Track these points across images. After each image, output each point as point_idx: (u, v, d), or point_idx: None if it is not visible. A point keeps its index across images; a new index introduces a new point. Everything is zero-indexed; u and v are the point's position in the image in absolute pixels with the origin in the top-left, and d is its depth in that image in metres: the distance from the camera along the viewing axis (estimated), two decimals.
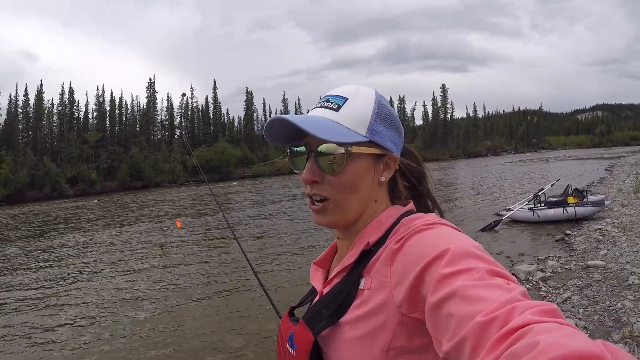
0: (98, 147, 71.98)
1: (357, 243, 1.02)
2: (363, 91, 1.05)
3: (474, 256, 0.76)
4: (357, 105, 1.02)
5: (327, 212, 1.03)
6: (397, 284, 0.85)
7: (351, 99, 1.02)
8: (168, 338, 7.64)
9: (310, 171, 1.00)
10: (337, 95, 1.04)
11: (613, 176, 30.27)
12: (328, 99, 1.04)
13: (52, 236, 20.53)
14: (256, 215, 22.75)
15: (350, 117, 1.00)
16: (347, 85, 1.08)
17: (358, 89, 1.06)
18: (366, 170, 1.01)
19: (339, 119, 0.99)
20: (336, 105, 1.02)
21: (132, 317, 8.78)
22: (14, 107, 70.48)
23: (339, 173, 0.98)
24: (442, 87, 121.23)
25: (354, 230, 1.05)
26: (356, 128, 0.99)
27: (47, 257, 15.25)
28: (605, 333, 6.04)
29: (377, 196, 1.06)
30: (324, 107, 1.03)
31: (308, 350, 0.96)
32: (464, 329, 0.64)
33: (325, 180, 1.00)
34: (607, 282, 8.05)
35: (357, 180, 1.00)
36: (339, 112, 1.00)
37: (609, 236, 11.39)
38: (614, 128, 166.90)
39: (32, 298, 10.48)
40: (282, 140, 1.06)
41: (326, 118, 1.00)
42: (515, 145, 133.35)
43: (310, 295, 1.18)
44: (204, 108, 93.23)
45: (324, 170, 0.99)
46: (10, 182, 56.33)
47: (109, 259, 14.23)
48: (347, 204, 1.01)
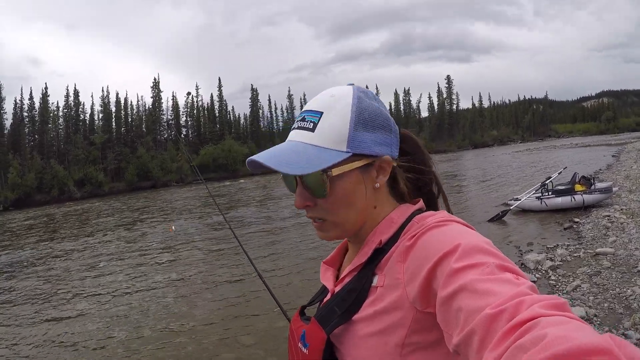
0: (105, 148, 72.29)
1: (369, 241, 1.01)
2: (339, 97, 1.01)
3: (484, 251, 0.76)
4: (333, 119, 0.97)
5: (327, 229, 1.02)
6: (410, 281, 0.85)
7: (326, 113, 0.98)
8: (176, 337, 7.71)
9: (301, 197, 1.00)
10: (312, 111, 1.00)
11: (620, 162, 30.18)
12: (304, 117, 1.01)
13: (61, 239, 20.71)
14: (262, 214, 22.80)
15: (327, 135, 0.96)
16: (324, 92, 1.04)
17: (333, 97, 1.01)
18: (356, 183, 0.99)
19: (315, 141, 0.97)
20: (311, 124, 0.98)
21: (142, 316, 8.86)
22: (20, 111, 70.87)
23: (327, 196, 0.97)
24: (447, 78, 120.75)
25: (361, 234, 1.04)
26: (335, 146, 0.96)
27: (57, 260, 15.39)
28: (616, 320, 6.05)
29: (376, 201, 1.04)
30: (300, 128, 1.00)
31: (321, 349, 0.96)
32: (472, 322, 0.65)
33: (317, 203, 0.99)
34: (616, 269, 8.04)
35: (349, 197, 0.99)
36: (315, 132, 0.97)
37: (617, 223, 11.36)
38: (620, 114, 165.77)
39: (40, 300, 10.59)
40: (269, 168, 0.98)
41: (302, 143, 0.97)
42: (521, 135, 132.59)
43: (321, 295, 1.18)
44: (209, 106, 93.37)
45: (313, 194, 0.98)
46: (18, 187, 56.67)
47: (118, 260, 14.35)
48: (344, 220, 1.00)
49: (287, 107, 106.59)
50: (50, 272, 13.59)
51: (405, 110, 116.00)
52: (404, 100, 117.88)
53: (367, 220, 1.03)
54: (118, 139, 77.67)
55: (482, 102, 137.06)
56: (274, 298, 2.31)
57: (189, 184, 67.73)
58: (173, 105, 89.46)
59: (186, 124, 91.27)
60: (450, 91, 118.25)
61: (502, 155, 58.46)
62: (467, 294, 0.69)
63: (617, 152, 41.91)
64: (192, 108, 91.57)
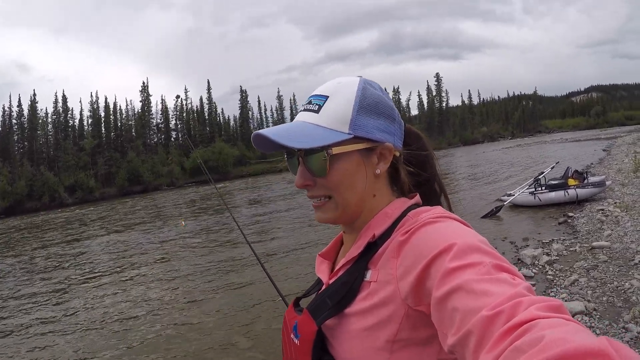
0: (95, 153, 72.08)
1: (363, 235, 1.01)
2: (345, 84, 1.03)
3: (480, 251, 0.76)
4: (337, 103, 1.00)
5: (327, 209, 1.02)
6: (404, 277, 0.85)
7: (332, 97, 1.01)
8: (176, 337, 7.63)
9: (302, 176, 1.01)
10: (318, 95, 1.03)
11: (611, 156, 30.23)
12: (310, 101, 1.03)
13: (54, 244, 20.51)
14: (258, 212, 22.72)
15: (330, 116, 0.99)
16: (330, 81, 1.06)
17: (339, 84, 1.03)
18: (357, 166, 1.00)
19: (319, 121, 0.99)
20: (317, 106, 1.01)
21: (140, 317, 8.78)
22: (9, 118, 70.52)
23: (327, 175, 0.98)
24: (436, 76, 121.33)
25: (357, 225, 1.05)
26: (337, 127, 0.98)
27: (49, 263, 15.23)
28: (616, 314, 6.01)
29: (376, 190, 1.04)
30: (306, 110, 1.03)
31: (311, 340, 0.96)
32: (469, 323, 0.65)
33: (317, 183, 1.00)
34: (613, 262, 8.00)
35: (349, 178, 0.99)
36: (319, 114, 1.00)
37: (611, 216, 11.36)
38: (609, 109, 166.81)
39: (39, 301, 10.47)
40: (273, 148, 1.06)
41: (307, 122, 1.00)
42: (511, 131, 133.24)
43: (316, 287, 1.18)
44: (198, 109, 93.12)
45: (313, 174, 0.99)
46: (8, 194, 56.31)
47: (115, 263, 14.24)
48: (345, 201, 1.00)
49: (276, 108, 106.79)
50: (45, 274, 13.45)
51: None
52: (393, 98, 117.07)
53: (365, 207, 1.03)
54: (108, 144, 77.48)
55: (471, 99, 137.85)
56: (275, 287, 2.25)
57: (181, 187, 67.55)
58: (162, 109, 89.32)
59: (176, 127, 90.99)
60: (440, 89, 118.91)
61: (492, 152, 58.67)
62: (463, 294, 0.68)
63: (608, 146, 42.06)
64: (181, 111, 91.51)
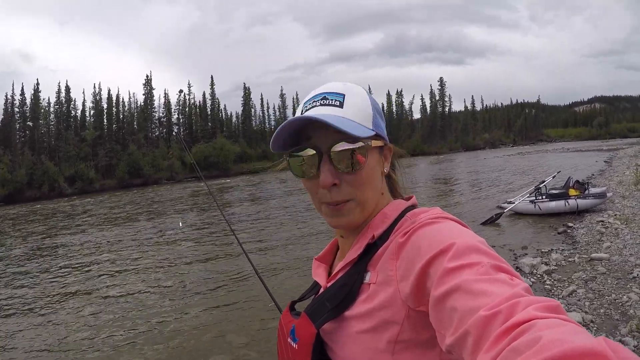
0: (96, 145, 71.94)
1: (362, 236, 1.01)
2: (353, 86, 1.04)
3: (478, 251, 0.76)
4: (357, 100, 1.00)
5: (348, 212, 1.00)
6: (403, 278, 0.85)
7: (348, 95, 1.00)
8: (169, 337, 7.58)
9: (329, 174, 0.96)
10: (333, 92, 1.01)
11: (613, 168, 30.18)
12: (325, 97, 1.00)
13: (52, 235, 20.49)
14: (255, 211, 22.66)
15: (356, 111, 0.98)
16: (333, 82, 1.05)
17: (346, 85, 1.03)
18: (377, 163, 1.01)
19: (347, 115, 0.97)
20: (337, 102, 0.99)
21: (133, 316, 8.72)
22: (11, 106, 70.42)
23: (358, 170, 0.96)
24: (439, 81, 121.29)
25: (360, 226, 1.04)
26: (364, 122, 0.98)
27: (49, 256, 15.23)
28: (612, 326, 5.99)
29: (383, 188, 1.06)
30: (324, 105, 0.99)
31: (311, 343, 0.96)
32: (466, 323, 0.64)
33: (343, 181, 0.97)
34: (611, 274, 7.99)
35: (373, 175, 1.00)
36: (344, 108, 0.98)
37: (611, 228, 11.33)
38: (612, 120, 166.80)
39: (33, 296, 10.46)
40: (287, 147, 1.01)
41: (337, 115, 0.96)
42: (513, 138, 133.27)
43: (312, 291, 1.19)
44: (201, 104, 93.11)
45: (341, 171, 0.96)
46: (8, 182, 56.26)
47: (108, 258, 14.16)
48: (368, 200, 1.00)
49: (279, 106, 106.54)
50: (40, 268, 13.41)
51: (397, 111, 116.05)
52: (396, 101, 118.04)
53: (376, 206, 1.03)
54: (109, 135, 77.31)
55: (474, 105, 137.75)
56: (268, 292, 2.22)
57: (180, 181, 67.48)
58: (165, 103, 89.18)
59: (178, 122, 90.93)
60: (443, 93, 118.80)
61: (494, 159, 58.61)
62: (462, 294, 0.68)
63: (609, 157, 42.05)
64: (184, 106, 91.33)
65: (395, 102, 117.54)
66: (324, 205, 1.01)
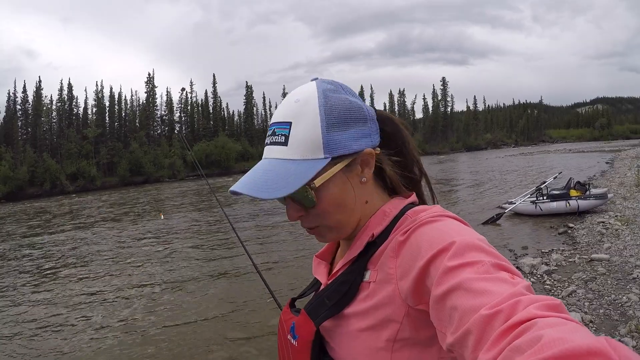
0: (97, 143, 72.10)
1: (362, 235, 0.99)
2: (304, 101, 0.96)
3: (479, 249, 0.75)
4: (303, 128, 0.93)
5: (323, 234, 1.01)
6: (403, 277, 0.84)
7: (295, 122, 0.94)
8: (169, 335, 7.59)
9: (293, 210, 0.98)
10: (280, 123, 0.96)
11: (614, 169, 30.19)
12: (274, 131, 0.97)
13: (53, 232, 20.54)
14: (256, 209, 22.70)
15: (301, 146, 0.93)
16: (287, 99, 0.99)
17: (298, 102, 0.96)
18: (342, 185, 0.96)
19: (290, 155, 0.93)
20: (283, 137, 0.94)
21: (132, 312, 8.76)
22: (13, 104, 70.53)
23: (317, 204, 0.95)
24: (442, 80, 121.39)
25: (355, 229, 1.02)
26: (312, 155, 0.92)
27: (48, 252, 15.26)
28: (612, 327, 6.01)
29: (366, 195, 1.01)
30: (272, 143, 0.96)
31: (310, 340, 0.96)
32: (467, 322, 0.64)
33: (309, 212, 0.97)
34: (611, 275, 8.01)
35: (337, 201, 0.96)
36: (288, 146, 0.93)
37: (612, 229, 11.35)
38: (614, 121, 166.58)
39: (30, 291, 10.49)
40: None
41: (277, 160, 0.94)
42: (515, 139, 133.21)
43: (312, 288, 1.18)
44: (203, 103, 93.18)
45: (303, 206, 0.96)
46: (10, 180, 56.35)
47: (108, 254, 14.25)
48: (338, 223, 0.99)
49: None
50: (38, 265, 13.46)
51: (399, 111, 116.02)
52: (398, 101, 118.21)
53: (361, 216, 1.01)
54: (111, 133, 77.52)
55: (476, 105, 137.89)
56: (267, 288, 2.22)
57: (182, 180, 67.55)
58: (167, 101, 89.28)
59: (180, 120, 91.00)
60: (445, 93, 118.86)
61: (495, 159, 58.64)
62: (462, 292, 0.68)
63: (611, 159, 42.07)
64: (186, 104, 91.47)
65: (397, 102, 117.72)
66: None
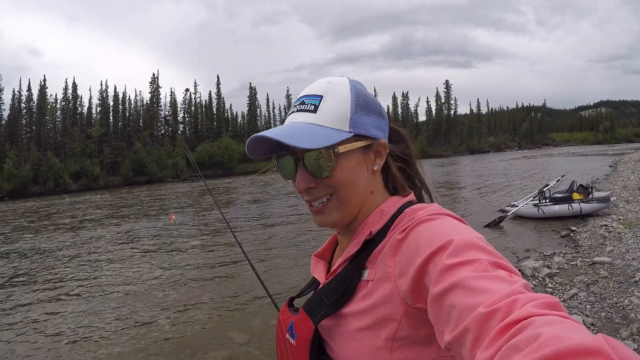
0: (101, 142, 72.13)
1: (360, 233, 1.01)
2: (337, 83, 1.02)
3: (477, 248, 0.75)
4: (334, 102, 0.98)
5: (329, 211, 1.00)
6: (401, 275, 0.84)
7: (326, 96, 0.99)
8: (170, 335, 7.60)
9: (303, 179, 0.98)
10: (311, 95, 1.01)
11: (617, 173, 30.13)
12: (303, 101, 1.01)
13: (54, 230, 20.55)
14: (256, 210, 22.77)
15: (330, 115, 0.97)
16: (319, 80, 1.05)
17: (330, 83, 1.02)
18: (358, 163, 0.99)
19: (318, 121, 0.97)
20: (312, 106, 0.99)
21: (133, 313, 8.76)
22: (18, 102, 70.65)
23: (331, 175, 0.96)
24: (445, 83, 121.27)
25: (354, 224, 1.04)
26: (338, 125, 0.97)
27: (51, 251, 15.28)
28: (613, 330, 6.01)
29: (373, 186, 1.04)
30: (300, 110, 1.00)
31: (309, 339, 0.96)
32: (465, 320, 0.64)
33: (319, 184, 0.98)
34: (613, 278, 8.00)
35: (352, 176, 0.98)
36: (317, 114, 0.97)
37: (614, 233, 11.33)
38: (618, 125, 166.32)
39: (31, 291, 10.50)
40: (267, 153, 1.04)
41: (306, 123, 0.97)
42: (518, 142, 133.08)
43: (310, 287, 1.18)
44: (207, 103, 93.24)
45: (315, 176, 0.97)
46: (14, 177, 56.45)
47: (109, 255, 14.24)
48: (348, 199, 0.99)
49: (284, 106, 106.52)
50: (40, 263, 13.47)
51: (402, 113, 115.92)
52: (402, 103, 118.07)
53: (364, 205, 1.02)
54: (115, 133, 77.57)
55: (480, 108, 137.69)
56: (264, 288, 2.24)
57: (185, 180, 67.55)
58: (171, 101, 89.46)
59: (184, 121, 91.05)
60: (449, 96, 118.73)
61: (498, 162, 58.54)
62: (461, 291, 0.68)
63: (614, 162, 41.96)
64: (190, 105, 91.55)
65: (400, 105, 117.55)
66: (308, 206, 1.04)
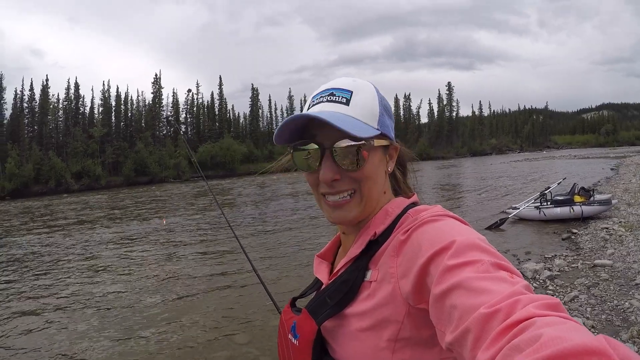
0: (103, 142, 72.26)
1: (364, 233, 1.01)
2: (362, 83, 1.03)
3: (479, 249, 0.75)
4: (365, 98, 0.99)
5: (351, 206, 0.99)
6: (404, 276, 0.84)
7: (356, 92, 0.99)
8: (171, 335, 7.60)
9: (330, 169, 0.96)
10: (341, 89, 1.00)
11: (619, 176, 30.10)
12: (332, 93, 1.00)
13: (56, 231, 20.56)
14: (258, 211, 22.76)
15: (363, 110, 0.97)
16: (342, 78, 1.04)
17: (356, 82, 1.02)
18: (380, 162, 1.00)
19: (352, 113, 0.96)
20: (344, 99, 0.98)
21: (135, 314, 8.75)
22: (20, 102, 70.78)
23: (360, 168, 0.96)
24: (447, 85, 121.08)
25: (360, 224, 1.04)
26: (369, 121, 0.97)
27: (49, 253, 15.29)
28: (613, 332, 6.00)
29: (385, 187, 1.05)
30: (331, 101, 0.99)
31: (311, 339, 0.96)
32: (467, 321, 0.64)
33: (344, 176, 0.97)
34: (614, 281, 8.00)
35: (375, 173, 0.99)
36: (350, 106, 0.97)
37: (615, 235, 11.32)
38: (620, 127, 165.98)
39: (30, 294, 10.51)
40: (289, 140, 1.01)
41: (341, 113, 0.96)
42: (520, 144, 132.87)
43: (313, 287, 1.18)
44: (209, 104, 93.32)
45: (342, 167, 0.96)
46: (15, 177, 56.54)
47: (110, 256, 14.25)
48: (369, 195, 0.99)
49: (287, 107, 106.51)
50: (40, 266, 13.47)
51: (405, 115, 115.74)
52: (404, 105, 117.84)
53: (377, 205, 1.03)
54: (117, 133, 77.69)
55: (482, 110, 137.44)
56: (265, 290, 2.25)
57: (186, 180, 67.55)
58: (173, 102, 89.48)
59: (185, 121, 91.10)
60: (451, 98, 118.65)
61: (500, 164, 58.47)
62: (462, 291, 0.68)
63: (616, 165, 41.97)
64: (192, 105, 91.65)
65: (403, 106, 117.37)
66: (324, 200, 1.01)
